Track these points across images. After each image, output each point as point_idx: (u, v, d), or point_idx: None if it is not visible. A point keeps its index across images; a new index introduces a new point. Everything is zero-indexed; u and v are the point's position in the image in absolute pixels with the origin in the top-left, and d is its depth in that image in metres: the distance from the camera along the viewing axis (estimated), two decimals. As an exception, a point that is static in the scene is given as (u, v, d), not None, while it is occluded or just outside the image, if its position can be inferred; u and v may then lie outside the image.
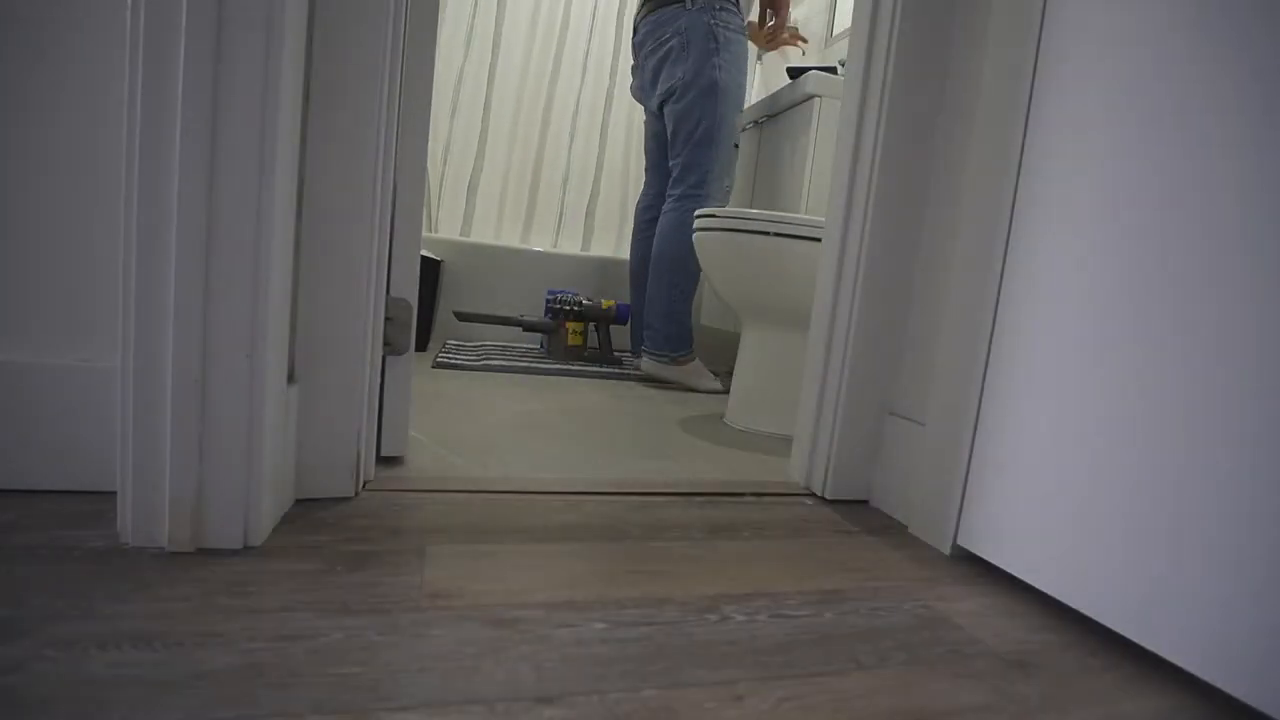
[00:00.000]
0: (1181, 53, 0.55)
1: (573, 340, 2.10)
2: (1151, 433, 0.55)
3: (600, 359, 2.10)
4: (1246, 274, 0.49)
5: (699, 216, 1.36)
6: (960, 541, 0.74)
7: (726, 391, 1.65)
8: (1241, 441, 0.49)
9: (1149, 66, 0.58)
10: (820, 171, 1.70)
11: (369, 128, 0.68)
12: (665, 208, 1.75)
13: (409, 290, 0.82)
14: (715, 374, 1.99)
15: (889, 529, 0.83)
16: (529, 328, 2.11)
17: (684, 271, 1.69)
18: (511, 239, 2.51)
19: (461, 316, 2.06)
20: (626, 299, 2.41)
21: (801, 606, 0.59)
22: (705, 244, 1.34)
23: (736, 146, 1.77)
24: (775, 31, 2.00)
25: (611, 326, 2.33)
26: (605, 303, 2.04)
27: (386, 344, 0.80)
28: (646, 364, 1.77)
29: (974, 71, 0.82)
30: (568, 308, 2.06)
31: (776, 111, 1.89)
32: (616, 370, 1.93)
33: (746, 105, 2.06)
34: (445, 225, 2.47)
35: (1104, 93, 0.62)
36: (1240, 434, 0.49)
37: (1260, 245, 0.49)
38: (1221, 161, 0.52)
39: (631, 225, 2.40)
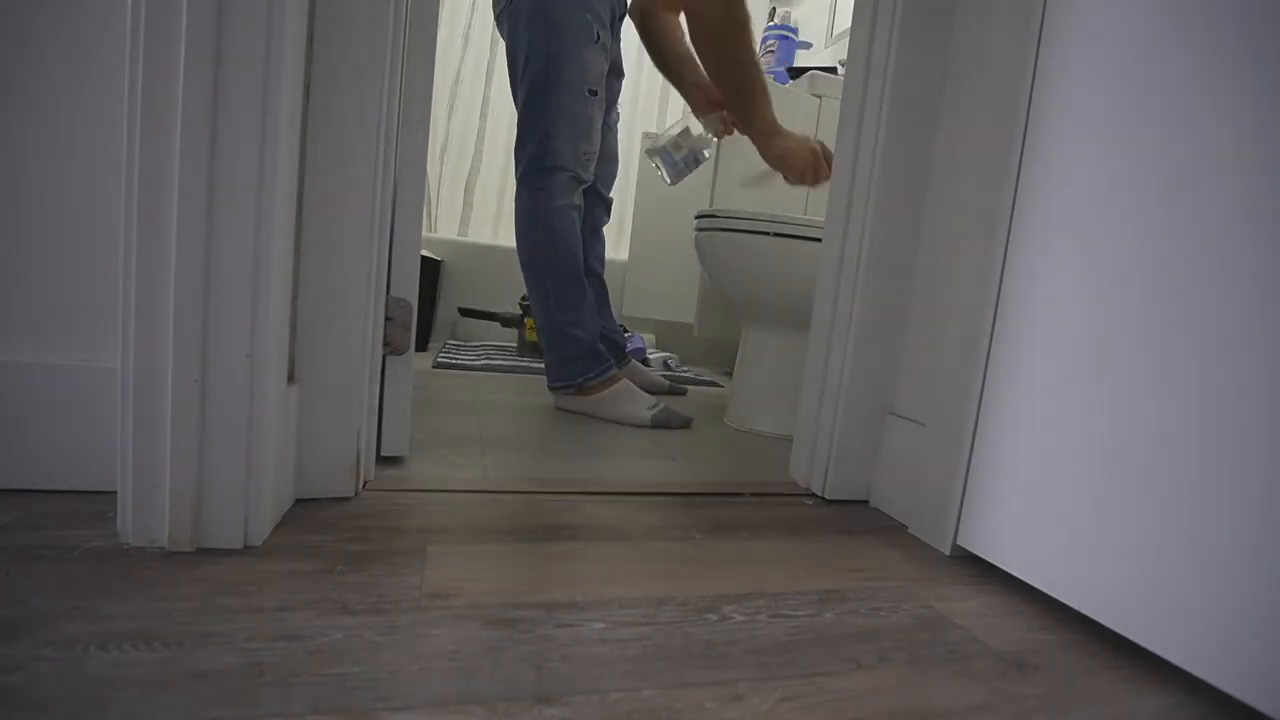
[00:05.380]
0: (1181, 44, 0.55)
1: (530, 336, 2.11)
2: (1152, 432, 0.55)
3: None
4: (1255, 272, 0.49)
5: (699, 217, 1.35)
6: (960, 541, 0.74)
7: (653, 425, 1.26)
8: (1245, 441, 0.49)
9: (1150, 61, 0.58)
10: (820, 171, 1.69)
11: (369, 128, 0.68)
12: (516, 194, 1.31)
13: (409, 290, 0.82)
14: (671, 388, 1.63)
15: (889, 529, 0.83)
16: (505, 323, 2.19)
17: (552, 275, 1.27)
18: (510, 238, 2.51)
19: (465, 312, 2.19)
20: (622, 297, 2.41)
21: (801, 606, 0.59)
22: (705, 244, 1.34)
23: (594, 93, 1.26)
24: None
25: None
26: None
27: (386, 344, 0.80)
28: (557, 400, 1.37)
29: (974, 70, 0.82)
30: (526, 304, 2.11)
31: (776, 111, 1.89)
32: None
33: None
34: (443, 225, 2.47)
35: (1105, 90, 0.62)
36: (1244, 433, 0.49)
37: (1269, 240, 0.49)
38: (1225, 157, 0.52)
39: (630, 225, 2.40)
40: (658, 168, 1.44)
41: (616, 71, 1.39)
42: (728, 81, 1.22)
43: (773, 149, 1.24)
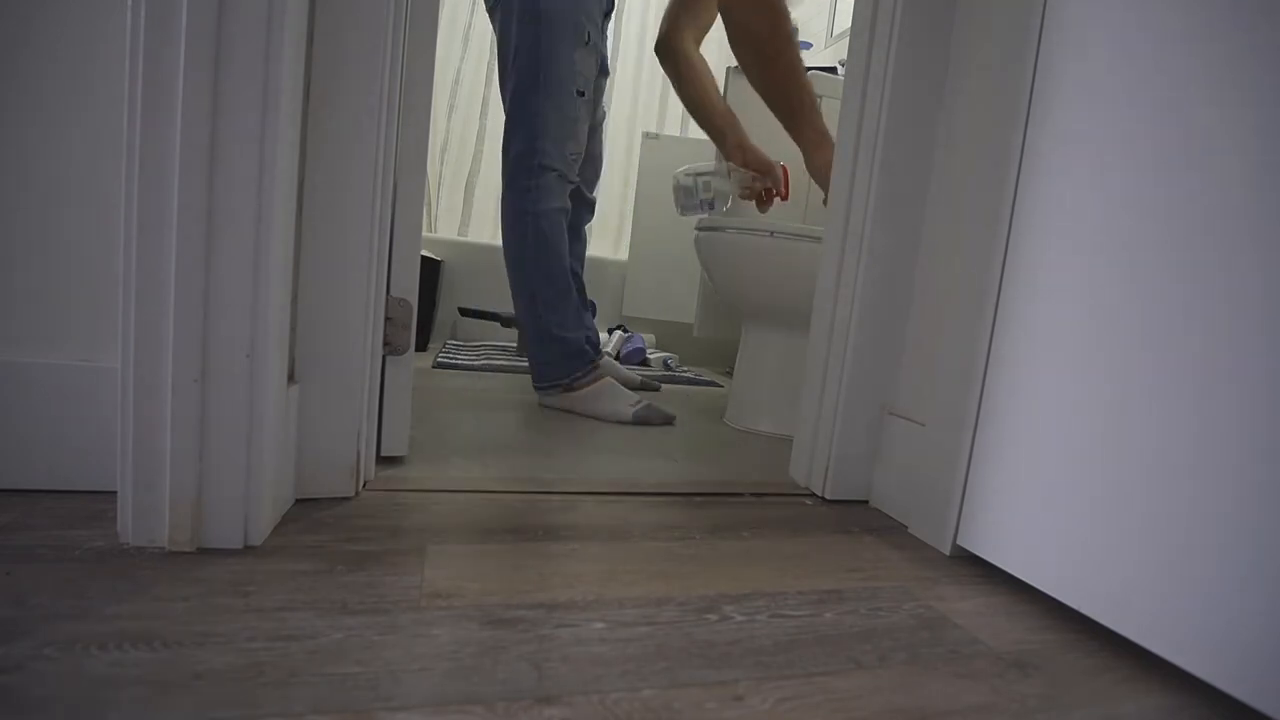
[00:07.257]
0: (1181, 39, 0.55)
1: None
2: (1154, 432, 0.55)
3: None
4: (1258, 268, 0.49)
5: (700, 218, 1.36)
6: (960, 541, 0.74)
7: (634, 421, 1.27)
8: (1245, 439, 0.49)
9: (1151, 58, 0.58)
10: (820, 171, 1.69)
11: (369, 127, 0.68)
12: (502, 195, 1.29)
13: (409, 290, 0.82)
14: (643, 383, 1.62)
15: (889, 529, 0.83)
16: (505, 323, 2.20)
17: (540, 277, 1.26)
18: (511, 239, 2.51)
19: (465, 312, 2.22)
20: (622, 297, 2.42)
21: (801, 606, 0.59)
22: (705, 244, 1.34)
23: (582, 95, 1.26)
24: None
25: None
26: None
27: (386, 344, 0.80)
28: (541, 398, 1.37)
29: (974, 69, 0.82)
30: None
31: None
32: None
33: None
34: (443, 225, 2.47)
35: (1105, 89, 0.62)
36: (1244, 432, 0.49)
37: (1271, 235, 0.49)
38: (1228, 153, 0.52)
39: (630, 225, 2.40)
40: (676, 196, 1.45)
41: (603, 70, 1.38)
42: (778, 91, 1.22)
43: (819, 158, 1.24)
